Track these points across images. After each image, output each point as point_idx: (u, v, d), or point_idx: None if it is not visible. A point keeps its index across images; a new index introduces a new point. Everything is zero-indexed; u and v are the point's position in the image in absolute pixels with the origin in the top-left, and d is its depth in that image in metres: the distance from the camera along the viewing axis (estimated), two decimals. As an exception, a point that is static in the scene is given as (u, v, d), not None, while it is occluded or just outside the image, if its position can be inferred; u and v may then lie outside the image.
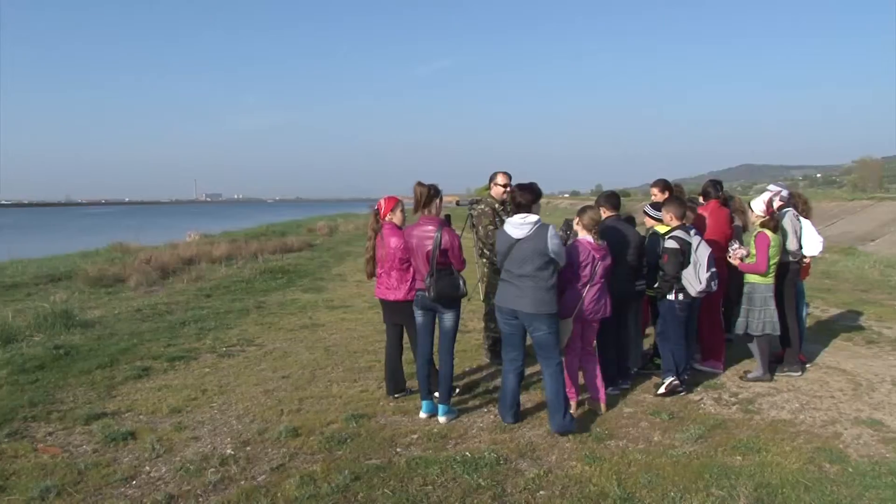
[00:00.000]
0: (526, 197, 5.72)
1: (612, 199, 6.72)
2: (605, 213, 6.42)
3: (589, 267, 5.71)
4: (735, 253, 6.83)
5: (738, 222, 7.84)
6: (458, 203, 11.42)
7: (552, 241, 5.31)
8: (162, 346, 8.54)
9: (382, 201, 6.27)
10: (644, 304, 7.24)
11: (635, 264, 6.43)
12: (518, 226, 5.44)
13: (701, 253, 6.34)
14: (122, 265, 16.18)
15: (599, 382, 6.02)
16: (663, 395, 6.35)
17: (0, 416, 5.91)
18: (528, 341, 5.69)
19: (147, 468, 4.91)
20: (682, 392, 6.41)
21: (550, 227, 5.40)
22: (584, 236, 5.83)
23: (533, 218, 5.46)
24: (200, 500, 4.42)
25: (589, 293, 5.74)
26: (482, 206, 7.47)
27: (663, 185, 7.48)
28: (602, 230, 5.99)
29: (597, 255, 5.72)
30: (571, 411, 5.90)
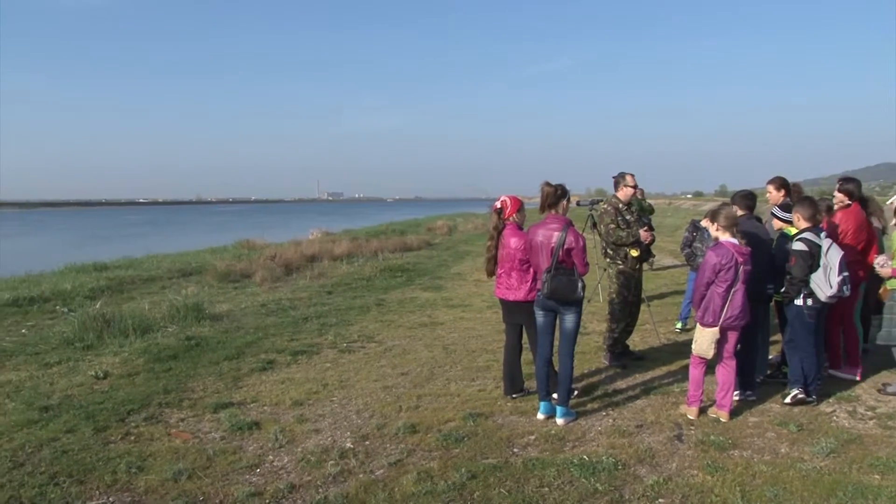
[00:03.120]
0: None
1: (747, 198, 6.52)
2: (737, 212, 6.29)
3: (732, 270, 5.53)
4: (883, 268, 6.39)
5: (876, 224, 7.43)
6: (578, 203, 11.20)
7: None
8: (285, 341, 8.84)
9: (508, 199, 6.22)
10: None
11: (766, 266, 6.18)
12: None
13: (832, 256, 6.01)
14: (248, 261, 16.84)
15: (731, 391, 5.82)
16: (789, 404, 6.08)
17: (138, 402, 6.28)
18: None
19: (270, 457, 5.09)
20: (812, 403, 6.10)
21: None
22: (726, 238, 5.67)
23: None
24: (320, 490, 4.53)
25: (733, 299, 5.57)
26: (605, 206, 7.42)
27: (780, 182, 7.11)
28: None
29: (740, 259, 5.54)
30: (693, 417, 5.76)
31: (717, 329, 5.63)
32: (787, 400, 6.10)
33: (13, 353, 8.23)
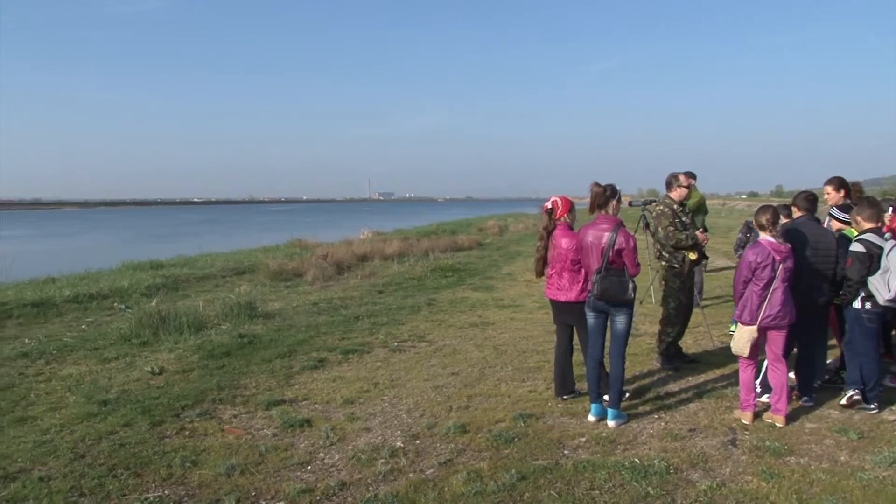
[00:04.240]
0: None
1: (808, 200, 6.38)
2: (796, 213, 6.20)
3: (768, 269, 5.45)
4: None
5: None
6: (630, 203, 11.03)
7: None
8: (337, 339, 8.92)
9: (558, 200, 6.21)
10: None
11: (824, 268, 6.05)
12: None
13: (893, 259, 5.83)
14: (300, 260, 17.02)
15: (784, 395, 5.70)
16: (845, 406, 5.93)
17: (192, 397, 6.41)
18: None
19: (321, 455, 5.14)
20: (874, 410, 5.92)
21: None
22: (765, 236, 5.59)
23: None
24: (371, 488, 4.55)
25: (772, 298, 5.48)
26: (661, 207, 7.29)
27: (838, 183, 6.91)
28: (788, 230, 5.77)
29: (777, 257, 5.45)
30: (747, 422, 5.65)
31: (754, 328, 5.56)
32: (843, 401, 5.95)
33: (74, 348, 8.47)
